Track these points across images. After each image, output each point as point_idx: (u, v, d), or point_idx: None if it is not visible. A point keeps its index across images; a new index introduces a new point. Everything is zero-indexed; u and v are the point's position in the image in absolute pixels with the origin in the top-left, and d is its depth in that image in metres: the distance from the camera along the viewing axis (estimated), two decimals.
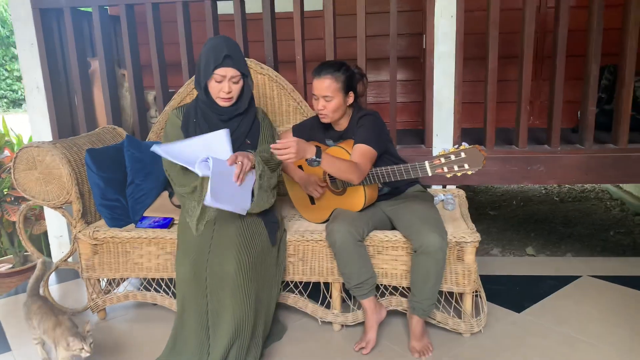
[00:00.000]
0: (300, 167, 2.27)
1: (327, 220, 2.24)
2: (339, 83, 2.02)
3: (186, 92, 2.64)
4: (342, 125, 2.15)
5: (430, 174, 1.76)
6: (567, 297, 2.45)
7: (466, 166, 1.69)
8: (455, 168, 1.70)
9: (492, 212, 4.26)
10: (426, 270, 1.95)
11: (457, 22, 2.52)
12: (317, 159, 1.82)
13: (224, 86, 1.94)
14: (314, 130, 2.25)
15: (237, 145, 2.04)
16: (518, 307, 2.36)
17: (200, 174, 1.82)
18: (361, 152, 1.96)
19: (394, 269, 2.12)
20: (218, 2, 2.76)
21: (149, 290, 2.34)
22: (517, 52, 2.59)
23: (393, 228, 2.16)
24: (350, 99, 2.08)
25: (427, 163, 1.76)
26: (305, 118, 2.55)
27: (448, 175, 1.73)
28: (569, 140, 2.74)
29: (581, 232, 3.66)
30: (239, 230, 1.93)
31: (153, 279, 2.37)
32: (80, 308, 2.43)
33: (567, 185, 4.88)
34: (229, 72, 1.93)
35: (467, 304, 2.11)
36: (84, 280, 2.34)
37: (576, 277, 2.63)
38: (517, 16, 2.61)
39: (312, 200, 2.28)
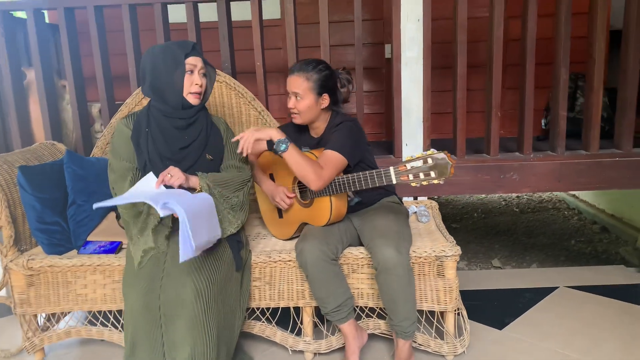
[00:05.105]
0: (271, 175, 2.09)
1: (292, 237, 2.07)
2: (311, 82, 1.87)
3: (134, 103, 2.40)
4: (319, 130, 1.99)
5: (394, 182, 1.60)
6: (547, 310, 2.34)
7: (433, 174, 1.51)
8: (421, 176, 1.52)
9: (454, 225, 4.19)
10: (390, 289, 1.78)
11: (424, 26, 2.41)
12: (285, 143, 1.76)
13: (195, 78, 1.80)
14: (291, 135, 2.07)
15: (195, 160, 1.84)
16: (499, 323, 2.24)
17: (162, 214, 1.58)
18: (327, 158, 1.80)
19: (370, 288, 1.95)
20: (169, 6, 2.56)
21: (95, 325, 2.06)
22: (480, 61, 2.51)
23: None
24: (325, 102, 1.92)
25: (392, 169, 1.60)
26: (267, 127, 2.37)
27: (413, 184, 1.55)
28: (537, 148, 2.67)
29: (543, 242, 3.62)
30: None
31: (99, 312, 2.10)
32: (14, 349, 2.12)
33: (524, 196, 4.89)
34: (199, 62, 1.81)
35: (450, 323, 1.96)
36: (18, 317, 2.04)
37: (553, 289, 2.54)
38: (480, 25, 2.54)
39: (280, 213, 2.10)
